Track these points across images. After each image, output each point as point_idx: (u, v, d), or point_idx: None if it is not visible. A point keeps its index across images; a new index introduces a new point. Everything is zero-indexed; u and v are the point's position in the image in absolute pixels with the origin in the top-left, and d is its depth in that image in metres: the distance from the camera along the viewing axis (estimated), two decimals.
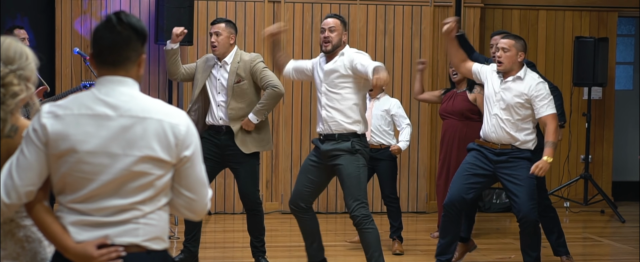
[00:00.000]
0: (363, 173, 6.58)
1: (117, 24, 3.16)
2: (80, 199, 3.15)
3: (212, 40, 7.27)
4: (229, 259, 7.99)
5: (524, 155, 6.83)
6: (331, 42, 6.59)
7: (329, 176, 6.86)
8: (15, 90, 3.32)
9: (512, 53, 6.76)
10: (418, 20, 10.71)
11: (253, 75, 7.22)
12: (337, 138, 6.57)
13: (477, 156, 6.93)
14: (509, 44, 6.78)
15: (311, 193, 6.79)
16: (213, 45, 7.26)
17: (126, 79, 3.20)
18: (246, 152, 7.22)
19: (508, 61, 6.77)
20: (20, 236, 3.37)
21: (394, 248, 8.27)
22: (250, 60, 7.26)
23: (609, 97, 11.59)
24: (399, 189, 10.38)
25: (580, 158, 11.43)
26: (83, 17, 10.12)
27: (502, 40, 6.86)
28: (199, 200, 3.25)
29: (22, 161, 3.15)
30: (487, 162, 6.87)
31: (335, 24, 6.62)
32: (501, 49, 6.79)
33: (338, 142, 6.57)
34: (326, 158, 6.62)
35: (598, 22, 11.46)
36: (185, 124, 3.21)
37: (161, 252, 3.25)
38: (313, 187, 6.77)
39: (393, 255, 8.12)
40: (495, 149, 6.84)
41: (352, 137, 6.56)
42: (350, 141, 6.54)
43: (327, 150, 6.59)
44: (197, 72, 7.36)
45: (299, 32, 10.50)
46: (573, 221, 10.47)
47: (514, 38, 6.88)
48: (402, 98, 10.63)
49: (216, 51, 7.26)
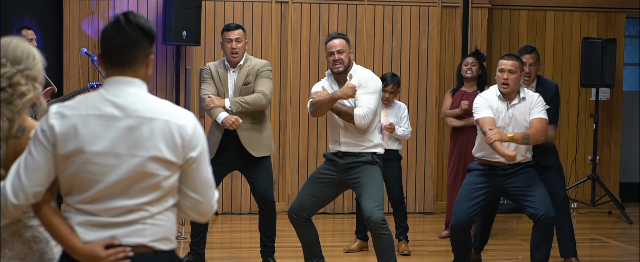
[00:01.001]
0: (382, 180, 6.64)
1: (125, 24, 3.16)
2: (88, 199, 3.16)
3: (234, 47, 7.26)
4: (236, 260, 7.99)
5: (529, 163, 6.95)
6: (343, 63, 6.60)
7: (339, 192, 6.88)
8: (22, 90, 3.32)
9: (517, 75, 6.84)
10: (425, 21, 10.70)
11: (255, 79, 7.24)
12: (357, 155, 6.61)
13: (479, 176, 6.97)
14: (515, 66, 6.84)
15: (316, 205, 6.77)
16: (234, 52, 7.26)
17: (134, 80, 3.20)
18: (255, 155, 7.23)
19: (514, 83, 6.83)
20: (27, 237, 3.38)
21: (401, 249, 8.27)
22: (260, 65, 7.30)
23: (617, 99, 11.57)
24: (406, 190, 10.38)
25: (588, 159, 11.41)
26: (91, 18, 10.13)
27: (507, 62, 6.89)
28: (204, 202, 3.25)
29: (30, 162, 3.16)
30: (491, 179, 6.91)
31: (342, 45, 6.61)
32: (508, 71, 6.83)
33: (358, 157, 6.60)
34: (343, 170, 6.63)
35: (606, 23, 11.44)
36: (192, 125, 3.21)
37: (168, 253, 3.25)
38: (320, 199, 6.76)
39: (400, 256, 8.11)
40: (503, 167, 6.88)
41: (372, 155, 6.61)
42: (370, 155, 6.60)
43: (347, 162, 6.61)
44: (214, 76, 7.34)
45: (307, 33, 10.50)
46: (580, 222, 10.45)
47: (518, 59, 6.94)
48: (409, 98, 10.63)
49: (237, 58, 7.28)
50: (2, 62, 3.32)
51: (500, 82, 6.88)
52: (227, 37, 7.30)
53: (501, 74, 6.88)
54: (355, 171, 6.59)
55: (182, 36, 9.76)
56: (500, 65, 6.92)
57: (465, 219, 6.87)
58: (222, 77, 7.33)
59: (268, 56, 10.34)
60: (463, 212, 6.87)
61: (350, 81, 6.58)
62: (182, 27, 9.76)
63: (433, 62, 10.70)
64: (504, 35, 11.19)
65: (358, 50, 10.54)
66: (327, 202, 6.89)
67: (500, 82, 6.88)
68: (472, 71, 8.71)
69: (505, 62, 6.90)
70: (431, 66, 10.70)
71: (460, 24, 10.79)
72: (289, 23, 10.48)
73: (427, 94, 10.69)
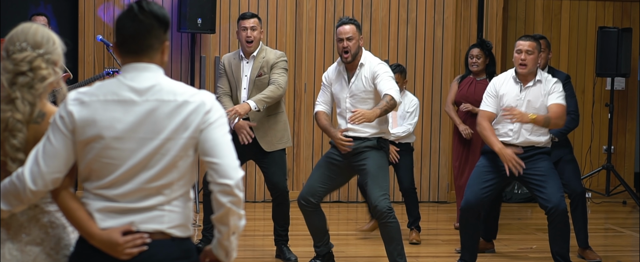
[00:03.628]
0: (388, 167, 6.67)
1: (139, 12, 3.16)
2: (107, 185, 3.17)
3: (249, 35, 7.24)
4: (250, 248, 8.01)
5: (544, 150, 6.85)
6: (350, 51, 6.56)
7: (348, 177, 6.87)
8: (43, 74, 3.34)
9: (535, 56, 6.75)
10: (441, 9, 10.68)
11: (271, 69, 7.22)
12: (364, 139, 6.60)
13: (492, 159, 6.86)
14: (532, 46, 6.76)
15: (325, 191, 6.76)
16: (249, 41, 7.24)
17: (150, 65, 3.21)
18: (267, 150, 7.24)
19: (532, 64, 6.75)
20: (44, 222, 3.39)
21: (412, 237, 8.26)
22: (275, 57, 7.27)
23: (632, 88, 11.54)
24: (420, 179, 10.39)
25: (603, 149, 11.39)
26: (106, 5, 10.15)
27: (524, 42, 6.80)
28: (225, 163, 3.18)
29: (48, 148, 3.17)
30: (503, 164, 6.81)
31: (352, 31, 6.57)
32: (525, 52, 6.75)
33: (364, 141, 6.59)
34: (350, 156, 6.62)
35: (621, 12, 11.40)
36: (211, 101, 3.21)
37: (185, 240, 3.26)
38: (329, 185, 6.75)
39: (410, 244, 8.11)
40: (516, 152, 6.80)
41: (378, 140, 6.61)
42: (376, 140, 6.59)
43: (354, 147, 6.58)
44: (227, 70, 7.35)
45: (322, 21, 10.49)
46: (595, 212, 10.44)
47: (535, 40, 6.85)
48: (424, 87, 10.62)
49: (252, 46, 7.26)
50: (23, 46, 3.34)
51: (517, 64, 6.78)
52: (243, 26, 7.29)
53: (518, 55, 6.79)
54: (361, 156, 6.57)
55: (197, 24, 9.77)
56: (518, 46, 6.82)
57: (475, 201, 6.81)
58: (235, 68, 7.32)
59: (283, 44, 10.34)
60: (474, 194, 6.82)
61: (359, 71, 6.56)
62: (197, 14, 9.77)
63: (448, 51, 10.68)
64: (519, 25, 11.16)
65: (373, 38, 10.53)
66: (336, 187, 6.89)
67: (517, 63, 6.78)
68: (478, 65, 8.63)
69: (523, 42, 6.81)
70: (446, 55, 10.68)
71: (476, 13, 10.77)
72: (304, 11, 10.47)
73: (441, 83, 10.67)
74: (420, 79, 10.63)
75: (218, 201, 3.19)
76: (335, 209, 10.30)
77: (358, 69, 6.60)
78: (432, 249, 8.17)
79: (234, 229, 3.25)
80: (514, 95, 6.80)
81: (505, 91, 6.85)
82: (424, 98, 10.63)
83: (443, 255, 7.87)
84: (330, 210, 10.24)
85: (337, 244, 8.14)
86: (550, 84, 6.80)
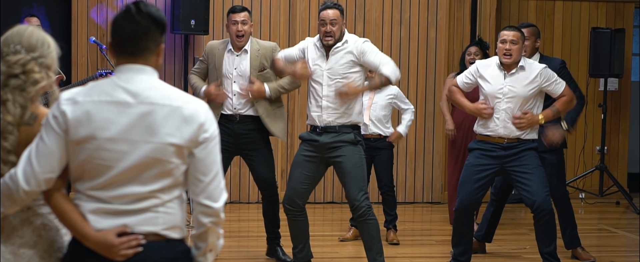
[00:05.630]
0: (365, 164, 6.58)
1: (136, 14, 3.16)
2: (99, 186, 3.16)
3: (239, 29, 7.14)
4: (244, 249, 8.01)
5: (531, 145, 6.83)
6: (333, 36, 6.46)
7: (324, 170, 6.76)
8: (36, 78, 3.33)
9: (519, 46, 6.76)
10: (434, 10, 10.69)
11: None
12: (338, 130, 6.49)
13: (480, 156, 6.86)
14: (517, 36, 6.77)
15: (307, 189, 6.66)
16: (240, 35, 7.14)
17: (146, 67, 3.21)
18: (280, 136, 7.20)
19: (516, 54, 6.76)
20: (37, 224, 3.38)
21: (390, 238, 8.25)
22: (271, 48, 7.19)
23: (625, 89, 11.56)
24: (413, 179, 10.39)
25: (596, 149, 11.41)
26: (99, 6, 10.14)
27: (509, 32, 6.82)
28: (213, 184, 3.21)
29: (41, 148, 3.16)
30: (492, 160, 6.82)
31: (336, 16, 6.46)
32: (510, 42, 6.76)
33: (339, 134, 6.49)
34: (325, 150, 6.53)
35: (614, 13, 11.42)
36: (204, 111, 3.21)
37: (180, 241, 3.26)
38: (309, 182, 6.65)
39: (389, 245, 8.09)
40: (502, 144, 6.81)
41: (353, 129, 6.53)
42: (352, 133, 6.50)
43: (327, 142, 6.50)
44: (209, 60, 7.28)
45: (315, 22, 10.49)
46: (588, 212, 10.46)
47: (519, 30, 6.87)
48: (417, 88, 10.63)
49: (242, 41, 7.16)
50: (17, 48, 3.33)
51: (501, 53, 6.77)
52: (233, 19, 7.19)
53: (503, 45, 6.78)
54: (338, 152, 6.49)
55: (191, 25, 9.77)
56: (502, 36, 6.83)
57: (470, 201, 6.81)
58: (219, 60, 7.20)
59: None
60: (468, 194, 6.80)
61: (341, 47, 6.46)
62: (190, 16, 9.77)
63: (441, 52, 10.69)
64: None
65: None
66: (317, 182, 6.75)
67: (501, 53, 6.77)
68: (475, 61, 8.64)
69: (507, 32, 6.82)
70: (439, 56, 10.70)
71: (469, 14, 10.78)
72: (297, 12, 10.48)
73: (435, 84, 10.68)
74: (414, 79, 10.63)
75: (199, 220, 3.25)
76: (328, 210, 10.30)
77: (340, 44, 6.48)
78: (425, 249, 8.18)
79: (212, 246, 3.30)
80: (498, 83, 6.80)
81: (488, 75, 6.85)
82: (418, 98, 10.64)
83: (437, 256, 7.87)
84: (324, 211, 10.25)
85: (331, 245, 8.16)
86: (535, 71, 6.78)
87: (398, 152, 10.49)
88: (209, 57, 7.29)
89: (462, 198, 6.83)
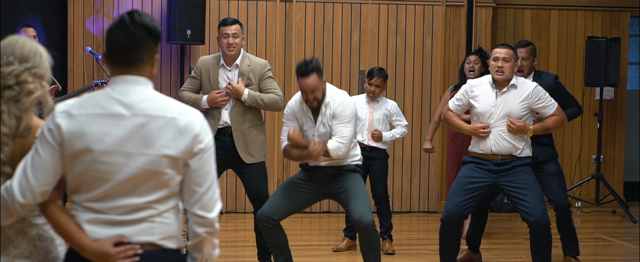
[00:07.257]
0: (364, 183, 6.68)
1: (130, 24, 3.15)
2: (96, 198, 3.16)
3: (230, 42, 7.09)
4: (240, 258, 8.00)
5: (525, 161, 6.83)
6: (318, 99, 6.40)
7: (312, 202, 6.77)
8: (29, 88, 3.33)
9: (511, 63, 6.79)
10: (430, 19, 10.70)
11: (260, 82, 7.14)
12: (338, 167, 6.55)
13: (474, 169, 6.85)
14: (509, 54, 6.80)
15: (288, 211, 6.59)
16: (231, 48, 7.10)
17: (140, 78, 3.20)
18: (247, 162, 7.13)
19: (509, 71, 6.79)
20: (32, 235, 3.38)
21: (386, 248, 8.23)
22: (261, 65, 7.16)
23: (621, 98, 11.57)
24: (410, 188, 10.39)
25: (592, 158, 11.41)
26: (95, 17, 10.14)
27: (501, 50, 6.85)
28: (208, 195, 3.21)
29: (36, 161, 3.16)
30: (486, 173, 6.81)
31: (315, 82, 6.32)
32: (502, 60, 6.79)
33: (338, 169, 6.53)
34: (325, 177, 6.53)
35: (610, 22, 11.44)
36: (200, 122, 3.21)
37: (176, 251, 3.26)
38: (294, 206, 6.59)
39: (385, 255, 8.08)
40: (496, 160, 6.82)
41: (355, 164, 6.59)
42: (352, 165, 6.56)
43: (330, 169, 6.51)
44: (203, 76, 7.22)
45: (311, 32, 10.51)
46: (584, 221, 10.46)
47: (511, 48, 6.91)
48: (413, 97, 10.63)
49: (232, 53, 7.11)
50: (10, 60, 3.33)
51: (494, 71, 6.79)
52: (224, 32, 7.15)
53: (495, 62, 6.81)
54: (339, 180, 6.50)
55: (187, 35, 9.77)
56: (494, 53, 6.87)
57: (456, 212, 6.76)
58: (213, 75, 7.17)
59: (272, 55, 10.35)
60: (454, 206, 6.77)
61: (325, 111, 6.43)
62: (186, 26, 9.77)
63: (437, 61, 10.70)
64: (508, 34, 11.18)
65: (362, 49, 10.55)
66: (300, 209, 6.73)
67: (494, 70, 6.79)
68: (475, 70, 8.65)
69: (500, 50, 6.85)
70: (435, 65, 10.71)
71: (465, 23, 10.80)
72: (293, 22, 10.48)
73: (431, 93, 10.69)
74: (410, 89, 10.64)
75: (194, 231, 3.25)
76: (325, 220, 10.30)
77: (324, 108, 6.45)
78: (422, 259, 8.17)
79: (208, 256, 3.30)
80: (490, 101, 6.82)
81: (481, 94, 6.87)
82: (414, 108, 10.65)
83: None
84: (320, 220, 10.24)
85: (325, 255, 8.14)
86: (527, 90, 6.80)
87: (394, 161, 10.49)
88: (203, 73, 7.23)
89: (448, 209, 6.80)
